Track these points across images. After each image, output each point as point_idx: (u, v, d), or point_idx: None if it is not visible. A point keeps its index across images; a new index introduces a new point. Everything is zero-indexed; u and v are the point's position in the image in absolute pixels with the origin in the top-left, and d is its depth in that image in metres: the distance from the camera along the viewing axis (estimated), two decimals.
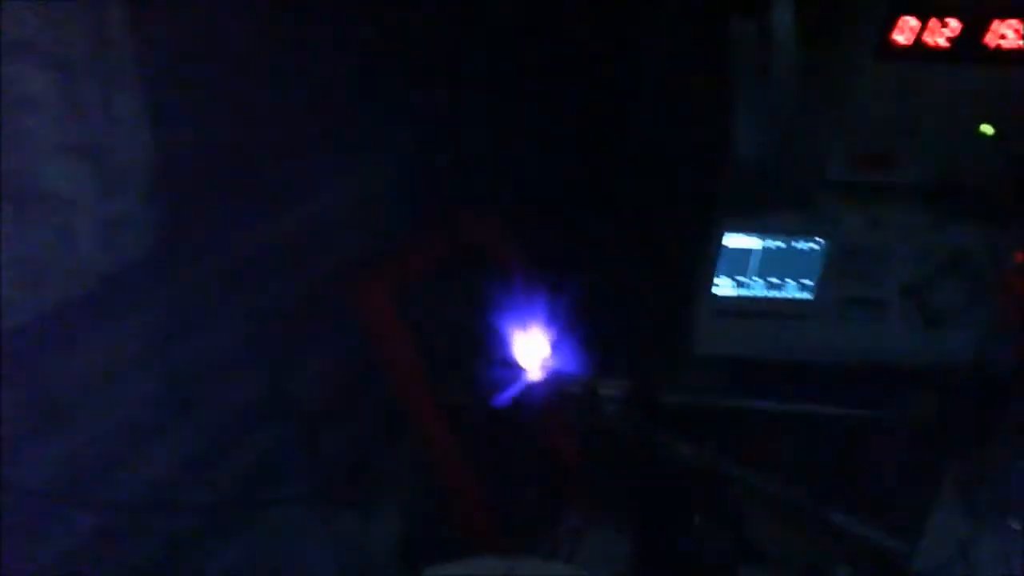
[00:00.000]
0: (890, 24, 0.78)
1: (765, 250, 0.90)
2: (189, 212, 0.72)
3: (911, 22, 0.78)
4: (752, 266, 0.91)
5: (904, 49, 0.79)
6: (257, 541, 0.88)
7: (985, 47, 0.79)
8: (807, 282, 0.92)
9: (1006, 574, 0.91)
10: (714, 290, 0.93)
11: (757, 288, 0.92)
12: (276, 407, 0.87)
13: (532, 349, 0.90)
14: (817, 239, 0.90)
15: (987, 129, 0.84)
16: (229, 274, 0.77)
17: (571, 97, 1.11)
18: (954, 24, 0.78)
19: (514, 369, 0.88)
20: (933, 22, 0.78)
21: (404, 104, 0.93)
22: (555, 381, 0.96)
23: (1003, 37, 0.79)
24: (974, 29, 0.78)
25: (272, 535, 0.89)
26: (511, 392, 0.88)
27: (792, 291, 0.92)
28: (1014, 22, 0.78)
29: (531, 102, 1.11)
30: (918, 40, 0.79)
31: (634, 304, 1.11)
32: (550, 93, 1.11)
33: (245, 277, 0.79)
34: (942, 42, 0.79)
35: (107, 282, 0.66)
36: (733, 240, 0.90)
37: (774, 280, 0.92)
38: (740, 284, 0.92)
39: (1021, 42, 0.79)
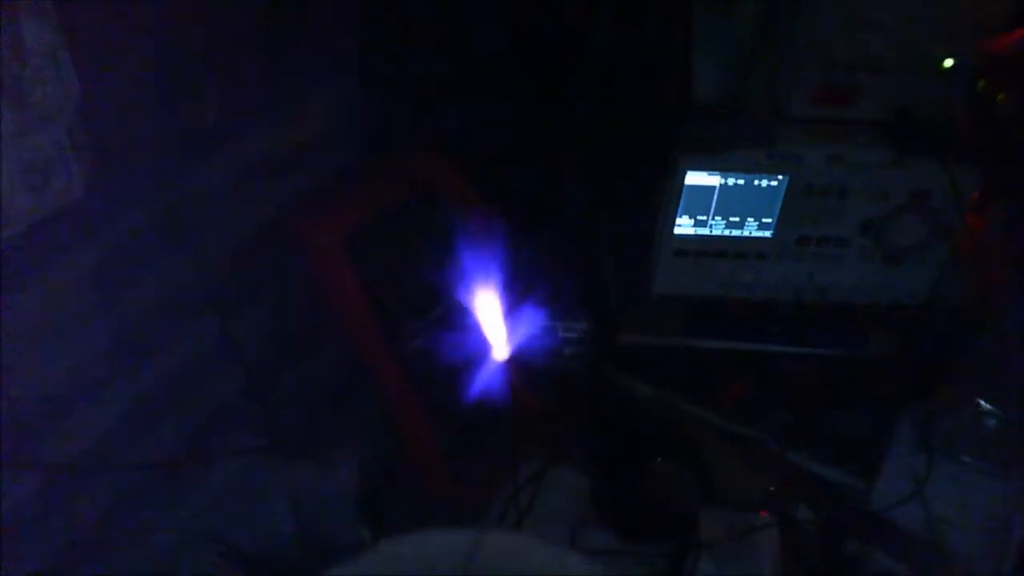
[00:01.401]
0: None
1: (725, 188, 0.89)
2: (122, 155, 0.68)
3: None
4: (712, 204, 0.90)
5: None
6: (211, 494, 0.86)
7: None
8: (767, 220, 0.91)
9: (958, 507, 0.93)
10: (674, 229, 0.91)
11: (717, 227, 0.91)
12: (227, 357, 0.85)
13: (489, 292, 0.88)
14: (777, 176, 0.88)
15: (948, 63, 0.83)
16: (169, 219, 0.74)
17: (527, 33, 1.08)
18: None
19: (471, 313, 0.86)
20: None
21: (351, 36, 0.89)
22: (513, 324, 0.95)
23: None
24: None
25: (226, 488, 0.87)
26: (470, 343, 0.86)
27: (752, 229, 0.91)
28: None
29: (485, 38, 1.08)
30: None
31: (593, 244, 1.09)
32: (505, 29, 1.08)
33: (186, 222, 0.76)
34: None
35: (35, 230, 0.62)
36: (693, 178, 0.88)
37: (734, 218, 0.91)
38: (700, 223, 0.91)
39: None
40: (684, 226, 0.91)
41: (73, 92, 0.58)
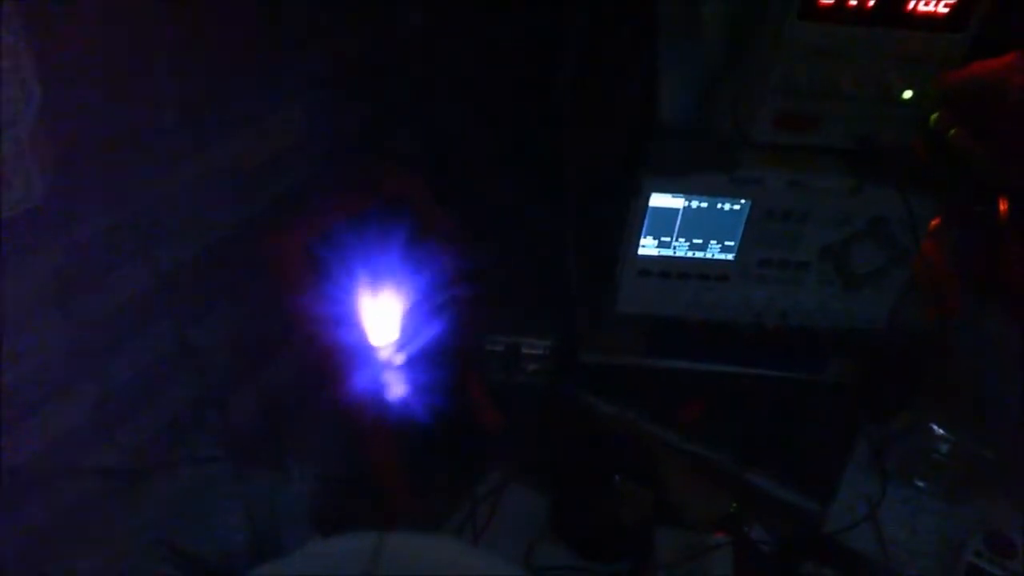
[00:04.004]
0: None
1: (688, 210, 0.90)
2: (84, 159, 0.68)
3: None
4: (675, 226, 0.91)
5: (826, 9, 0.79)
6: (167, 501, 0.86)
7: (905, 11, 0.80)
8: (729, 243, 0.92)
9: (909, 530, 0.94)
10: (638, 250, 0.92)
11: (680, 248, 0.92)
12: (186, 364, 0.85)
13: (453, 306, 0.89)
14: (740, 200, 0.90)
15: (907, 94, 0.84)
16: (131, 226, 0.74)
17: (497, 51, 1.09)
18: None
19: (434, 326, 0.87)
20: None
21: (324, 47, 0.90)
22: (476, 339, 0.96)
23: (924, 2, 0.79)
24: None
25: (182, 495, 0.87)
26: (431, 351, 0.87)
27: (714, 251, 0.92)
28: None
29: (455, 56, 1.09)
30: (841, 1, 0.79)
31: (559, 262, 1.10)
32: (475, 47, 1.09)
33: (149, 228, 0.76)
34: (864, 3, 0.79)
35: None
36: (657, 199, 0.89)
37: (697, 240, 0.92)
38: (663, 244, 0.92)
39: (943, 8, 0.79)
40: (648, 247, 0.92)
41: (34, 96, 0.59)
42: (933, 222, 0.91)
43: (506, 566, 0.64)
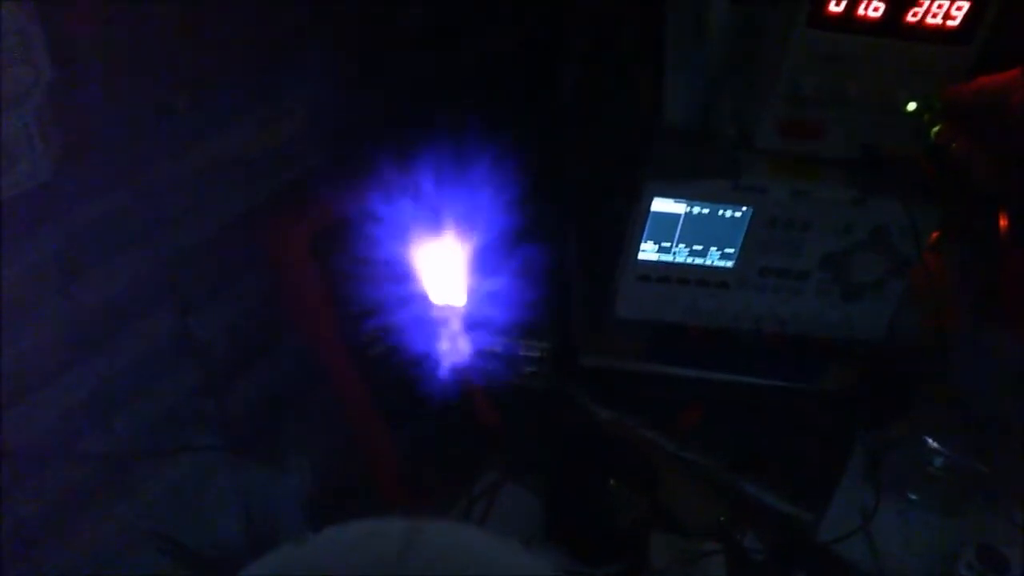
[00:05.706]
0: None
1: (690, 216, 0.90)
2: (90, 142, 0.68)
3: None
4: (676, 232, 0.91)
5: (836, 18, 0.80)
6: (162, 491, 0.85)
7: (914, 23, 0.80)
8: (730, 250, 0.92)
9: (902, 542, 0.94)
10: (638, 254, 0.92)
11: (680, 254, 0.92)
12: (185, 353, 0.84)
13: (453, 306, 0.89)
14: (742, 207, 0.90)
15: (911, 106, 0.85)
16: (134, 211, 0.74)
17: (499, 51, 1.09)
18: None
19: (434, 325, 0.87)
20: None
21: (323, 39, 0.90)
22: (475, 339, 0.95)
23: (932, 15, 0.80)
24: (904, 4, 0.79)
25: (177, 485, 0.86)
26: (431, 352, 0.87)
27: (714, 258, 0.93)
28: (943, 1, 0.79)
29: (458, 54, 1.09)
30: (850, 11, 0.79)
31: (559, 264, 1.10)
32: (477, 48, 1.09)
33: (154, 213, 0.76)
34: (873, 14, 0.80)
35: None
36: (659, 204, 0.90)
37: (697, 247, 0.92)
38: (663, 249, 0.92)
39: (950, 21, 0.80)
40: (648, 251, 0.92)
41: (44, 75, 0.59)
42: (934, 234, 0.92)
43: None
